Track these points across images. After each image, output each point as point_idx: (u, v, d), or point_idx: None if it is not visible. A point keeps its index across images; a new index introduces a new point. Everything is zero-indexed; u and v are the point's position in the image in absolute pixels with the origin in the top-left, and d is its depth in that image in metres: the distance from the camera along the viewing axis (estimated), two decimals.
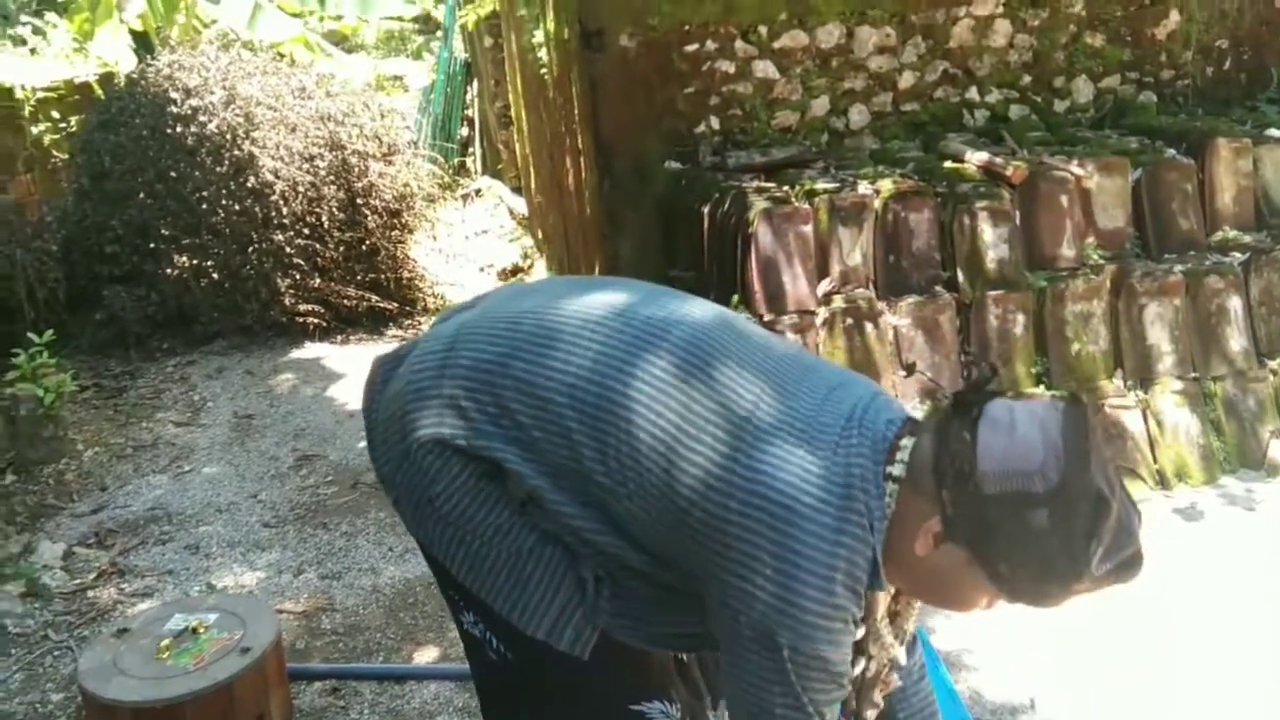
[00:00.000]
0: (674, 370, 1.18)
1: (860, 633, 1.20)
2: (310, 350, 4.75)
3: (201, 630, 2.16)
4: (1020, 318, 3.51)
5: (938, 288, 3.54)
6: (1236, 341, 3.62)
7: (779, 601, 1.09)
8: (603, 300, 1.29)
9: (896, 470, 1.12)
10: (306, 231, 4.85)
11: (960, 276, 3.54)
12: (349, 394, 4.26)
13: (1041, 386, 3.48)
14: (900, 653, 1.30)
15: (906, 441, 1.14)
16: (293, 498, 3.34)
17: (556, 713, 1.33)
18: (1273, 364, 3.62)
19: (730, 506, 1.11)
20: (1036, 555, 1.07)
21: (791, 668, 1.10)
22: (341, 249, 4.98)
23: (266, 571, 2.89)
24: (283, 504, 3.30)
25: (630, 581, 1.26)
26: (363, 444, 3.73)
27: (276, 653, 2.18)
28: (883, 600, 1.22)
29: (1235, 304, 3.63)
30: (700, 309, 1.30)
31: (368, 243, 5.04)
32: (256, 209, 4.76)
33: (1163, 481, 3.38)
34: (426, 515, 1.28)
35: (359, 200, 5.04)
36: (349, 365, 4.60)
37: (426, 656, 2.52)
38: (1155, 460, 3.41)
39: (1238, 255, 3.71)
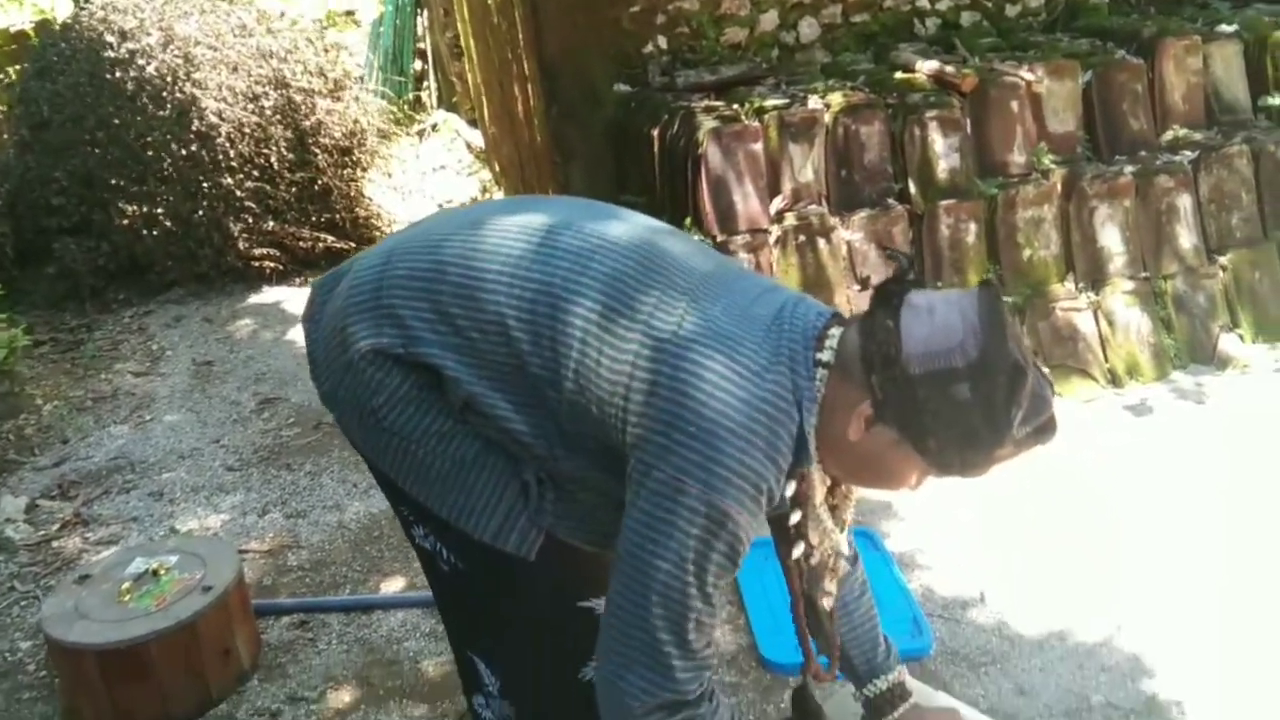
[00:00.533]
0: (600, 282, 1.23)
1: (796, 517, 1.27)
2: (268, 294, 4.71)
3: (162, 572, 2.18)
4: (972, 226, 3.53)
5: (890, 200, 3.54)
6: (1187, 239, 3.65)
7: (698, 455, 1.12)
8: (532, 221, 1.30)
9: (825, 356, 1.18)
10: (256, 174, 4.75)
11: (912, 188, 3.53)
12: None
13: None
14: (842, 540, 1.35)
15: (835, 331, 1.20)
16: (255, 441, 3.35)
17: (509, 615, 1.37)
18: (1222, 260, 3.66)
19: (659, 383, 1.16)
20: (961, 426, 1.13)
21: (691, 519, 1.12)
22: (294, 190, 4.89)
23: (231, 514, 2.91)
24: (245, 447, 3.31)
25: (569, 485, 1.30)
26: None
27: (239, 590, 2.20)
28: (819, 488, 1.28)
29: (1185, 202, 3.66)
30: (623, 229, 1.32)
31: (320, 182, 4.95)
32: (203, 153, 4.65)
33: (1114, 380, 3.44)
34: (371, 428, 1.31)
35: (308, 139, 4.93)
36: None
37: (393, 586, 2.56)
38: (1107, 360, 3.47)
39: (1188, 154, 3.72)
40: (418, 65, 8.05)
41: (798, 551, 1.31)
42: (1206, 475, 2.88)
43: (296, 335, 4.26)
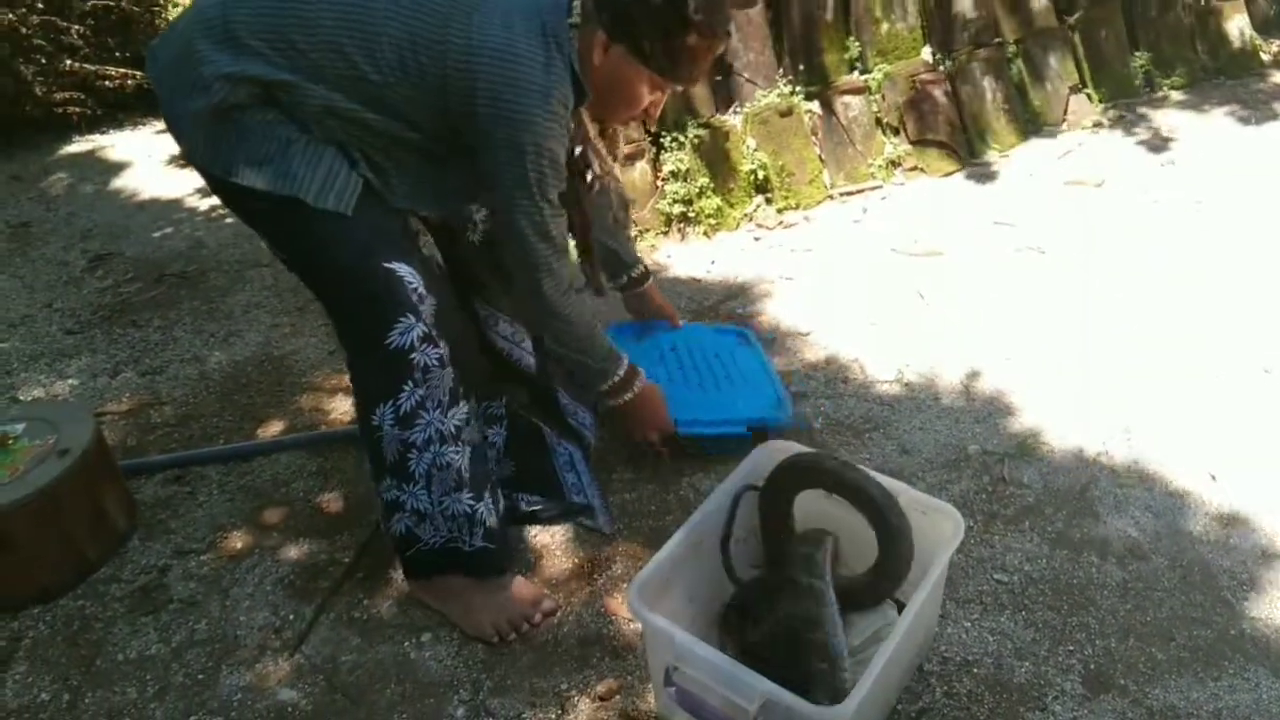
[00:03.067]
0: None
1: (579, 150, 1.71)
2: (81, 144, 4.25)
3: (10, 441, 2.01)
4: (829, 3, 3.42)
5: None
6: (1037, 2, 3.65)
7: (521, 116, 1.52)
8: None
9: (574, 19, 1.57)
10: (41, 5, 4.19)
11: None
12: (136, 184, 3.88)
13: (855, 72, 3.46)
14: (616, 169, 1.91)
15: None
16: (93, 300, 3.08)
17: (324, 271, 1.64)
18: (1071, 20, 3.69)
19: (476, 68, 1.51)
20: (656, 19, 1.53)
21: (531, 161, 1.56)
22: (90, 22, 4.35)
23: (79, 378, 2.69)
24: (83, 309, 3.04)
25: (409, 157, 1.64)
26: (160, 234, 3.46)
27: (100, 449, 2.05)
28: (590, 126, 1.76)
29: None
30: None
31: (117, 11, 4.41)
32: None
33: (972, 150, 3.49)
34: (218, 137, 1.54)
35: None
36: (129, 153, 4.16)
37: (270, 431, 2.45)
38: (965, 131, 3.50)
39: None
40: None
41: (588, 179, 1.75)
42: (1067, 232, 2.99)
43: (122, 184, 3.89)
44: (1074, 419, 2.26)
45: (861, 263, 2.94)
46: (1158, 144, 3.43)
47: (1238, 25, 3.86)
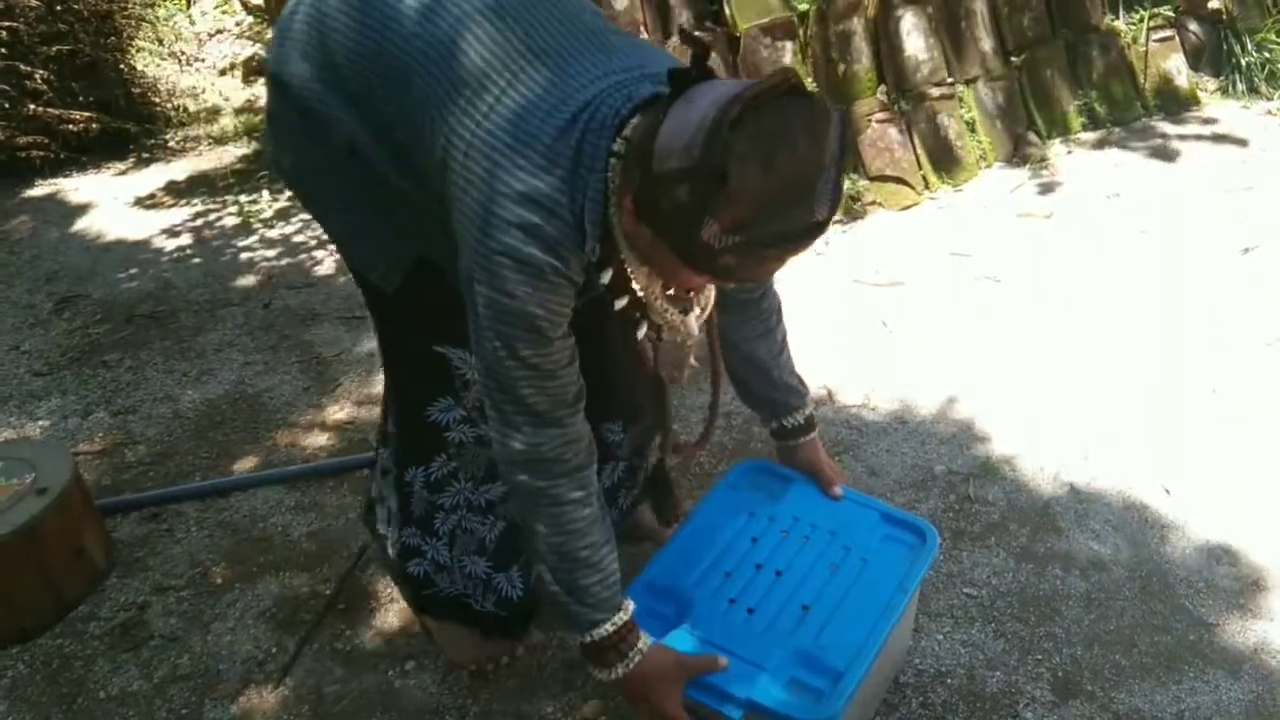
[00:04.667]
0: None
1: (621, 303, 1.31)
2: (43, 187, 4.24)
3: None
4: (788, 44, 3.54)
5: (708, 23, 3.50)
6: (985, 43, 3.81)
7: (477, 243, 1.17)
8: None
9: (618, 147, 1.14)
10: (3, 50, 4.19)
11: (727, 9, 3.50)
12: (101, 226, 3.87)
13: None
14: (691, 324, 1.40)
15: (635, 120, 1.15)
16: (61, 342, 3.07)
17: (380, 334, 1.58)
18: (1017, 61, 3.85)
19: (473, 159, 1.17)
20: (683, 229, 1.06)
21: (485, 310, 1.20)
22: (53, 67, 4.35)
23: (51, 419, 2.68)
24: (51, 350, 3.03)
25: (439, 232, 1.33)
26: (127, 275, 3.45)
27: (78, 488, 2.05)
28: (642, 277, 1.26)
29: (981, 6, 3.79)
30: None
31: (81, 56, 4.42)
32: None
33: (928, 185, 3.62)
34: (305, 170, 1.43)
35: (58, 7, 4.36)
36: (93, 195, 4.15)
37: (246, 468, 2.46)
38: (920, 167, 3.63)
39: None
40: None
41: (641, 333, 1.42)
42: (1020, 262, 3.11)
43: (86, 226, 3.89)
44: (1035, 439, 2.35)
45: (826, 293, 3.03)
46: (1102, 177, 3.58)
47: (1175, 64, 4.06)
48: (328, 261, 3.46)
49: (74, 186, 4.24)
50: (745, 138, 1.01)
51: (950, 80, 3.74)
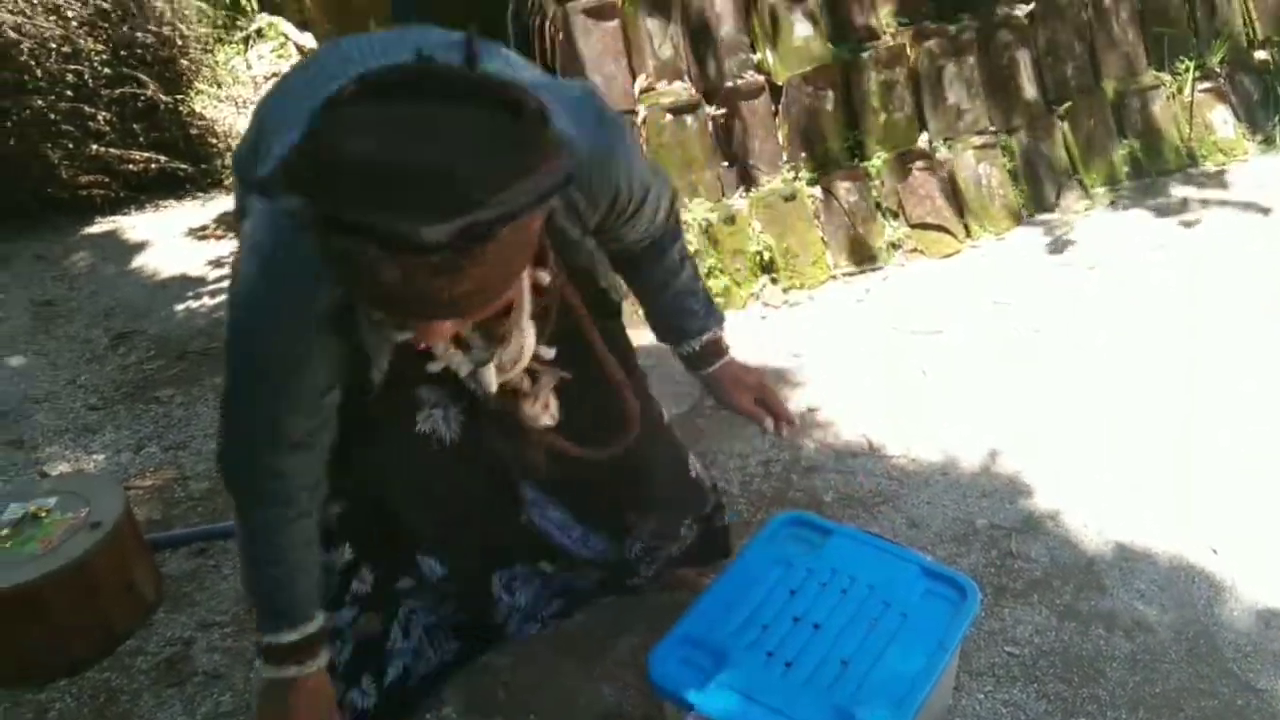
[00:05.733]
0: None
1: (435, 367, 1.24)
2: (103, 224, 4.38)
3: (43, 514, 2.06)
4: (829, 93, 3.58)
5: (749, 73, 3.55)
6: (1028, 91, 3.82)
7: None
8: None
9: None
10: (70, 94, 4.34)
11: (770, 58, 3.55)
12: (157, 263, 3.99)
13: (856, 159, 3.60)
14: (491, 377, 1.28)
15: None
16: (116, 377, 3.15)
17: None
18: (1060, 109, 3.86)
19: None
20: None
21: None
22: (115, 109, 4.51)
23: (104, 453, 2.75)
24: (106, 385, 3.11)
25: None
26: (181, 312, 3.54)
27: (130, 523, 2.11)
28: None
29: (1024, 56, 3.81)
30: None
31: (143, 99, 4.57)
32: (5, 74, 4.21)
33: (970, 233, 3.62)
34: None
35: (123, 51, 4.53)
36: (150, 234, 4.28)
37: None
38: (963, 215, 3.63)
39: (1023, 7, 3.86)
40: None
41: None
42: (1063, 312, 3.09)
43: (141, 264, 4.00)
44: (1079, 494, 2.32)
45: (866, 341, 3.03)
46: (1146, 228, 3.56)
47: (1220, 115, 4.04)
48: None
49: (132, 224, 4.37)
50: (352, 115, 0.83)
51: (992, 129, 3.75)
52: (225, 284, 3.80)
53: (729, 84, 3.48)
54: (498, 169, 0.81)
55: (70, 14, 4.37)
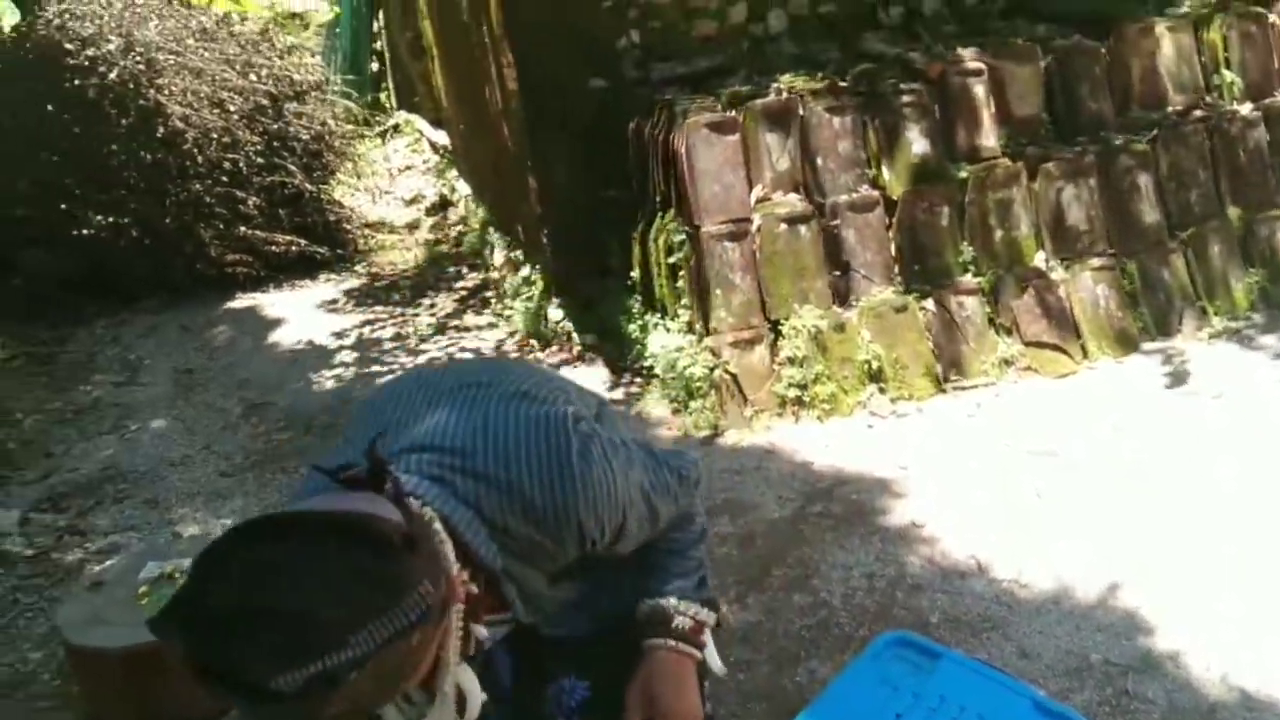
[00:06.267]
0: None
1: None
2: (244, 300, 4.68)
3: (178, 575, 2.18)
4: (945, 209, 3.62)
5: (864, 186, 3.62)
6: (1149, 216, 3.79)
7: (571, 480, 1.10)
8: None
9: None
10: (225, 179, 4.73)
11: (885, 173, 3.62)
12: (290, 340, 4.23)
13: (969, 274, 3.61)
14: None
15: None
16: (246, 446, 3.34)
17: None
18: (1183, 235, 3.80)
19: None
20: None
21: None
22: (264, 195, 4.88)
23: (232, 518, 2.90)
24: (237, 453, 3.30)
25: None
26: (310, 386, 3.75)
27: None
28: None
29: (1146, 180, 3.79)
30: None
31: (290, 186, 4.93)
32: (169, 159, 4.62)
33: (1086, 355, 3.56)
34: None
35: (275, 143, 4.92)
36: (286, 311, 4.55)
37: None
38: (1079, 336, 3.58)
39: (1146, 133, 3.86)
40: (374, 66, 8.01)
41: None
42: (1185, 441, 3.00)
43: (277, 339, 4.25)
44: (1202, 634, 2.22)
45: (976, 457, 2.99)
46: (1273, 358, 3.44)
47: None
48: None
49: (270, 301, 4.66)
50: (221, 562, 0.84)
51: (1112, 251, 3.72)
52: (349, 358, 4.01)
53: (844, 196, 3.56)
54: (353, 611, 0.81)
55: (232, 108, 4.78)
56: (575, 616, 1.30)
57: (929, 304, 3.52)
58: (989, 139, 3.73)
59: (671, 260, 3.53)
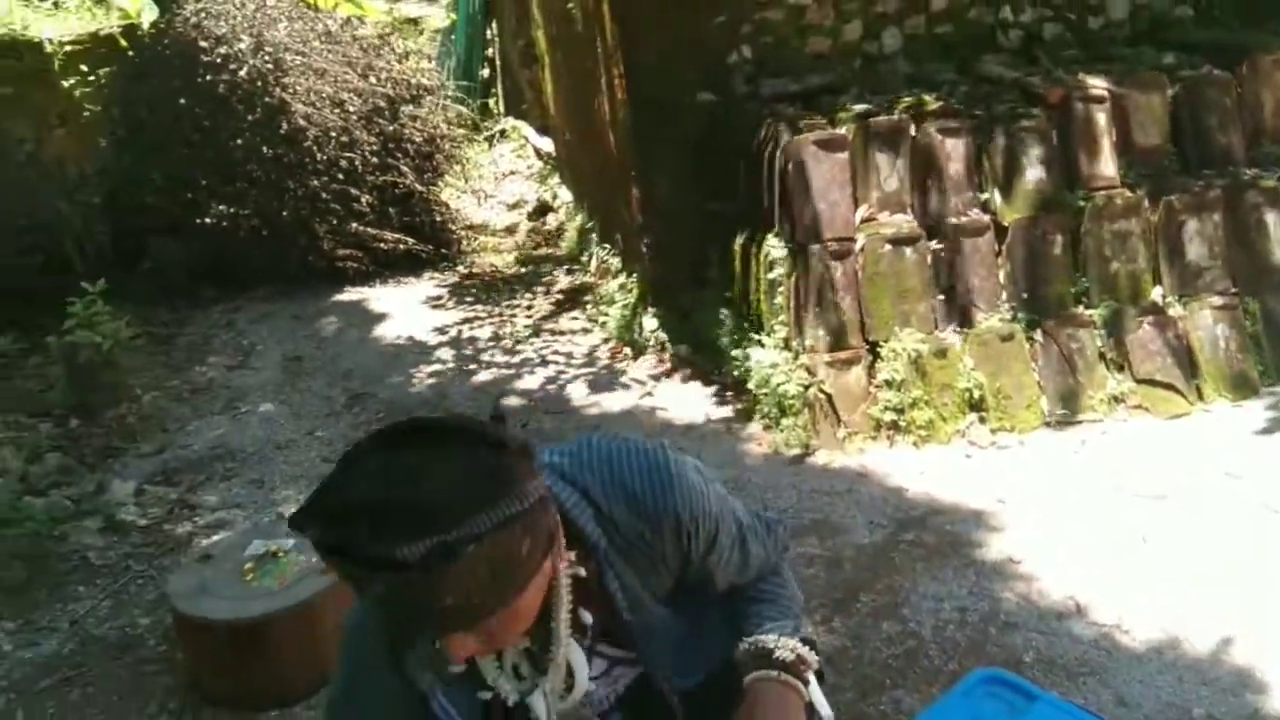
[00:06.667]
0: None
1: None
2: (352, 293, 4.84)
3: (281, 554, 2.27)
4: (1059, 238, 3.52)
5: (975, 210, 3.55)
6: (1276, 255, 3.61)
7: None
8: None
9: None
10: (341, 177, 4.90)
11: (997, 198, 3.54)
12: (393, 334, 4.35)
13: (1081, 306, 3.50)
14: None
15: None
16: (348, 434, 3.44)
17: None
18: None
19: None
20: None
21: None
22: (376, 193, 5.04)
23: None
24: (339, 440, 3.40)
25: None
26: (410, 380, 3.85)
27: None
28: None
29: (1274, 218, 3.62)
30: None
31: (401, 186, 5.08)
32: (290, 156, 4.81)
33: (1201, 396, 3.41)
34: None
35: (390, 144, 5.07)
36: (391, 306, 4.68)
37: None
38: (1194, 376, 3.44)
39: (1276, 169, 3.68)
40: (484, 72, 8.19)
41: None
42: None
43: (381, 332, 4.38)
44: None
45: (1079, 495, 2.90)
46: None
47: None
48: (579, 388, 3.71)
49: (377, 296, 4.81)
50: (359, 463, 0.96)
51: (1234, 290, 3.56)
52: (447, 355, 4.10)
53: (953, 220, 3.49)
54: (469, 496, 0.93)
55: (351, 109, 4.95)
56: (678, 658, 1.30)
57: (1037, 334, 3.42)
58: (1109, 168, 3.61)
59: (772, 276, 3.52)
